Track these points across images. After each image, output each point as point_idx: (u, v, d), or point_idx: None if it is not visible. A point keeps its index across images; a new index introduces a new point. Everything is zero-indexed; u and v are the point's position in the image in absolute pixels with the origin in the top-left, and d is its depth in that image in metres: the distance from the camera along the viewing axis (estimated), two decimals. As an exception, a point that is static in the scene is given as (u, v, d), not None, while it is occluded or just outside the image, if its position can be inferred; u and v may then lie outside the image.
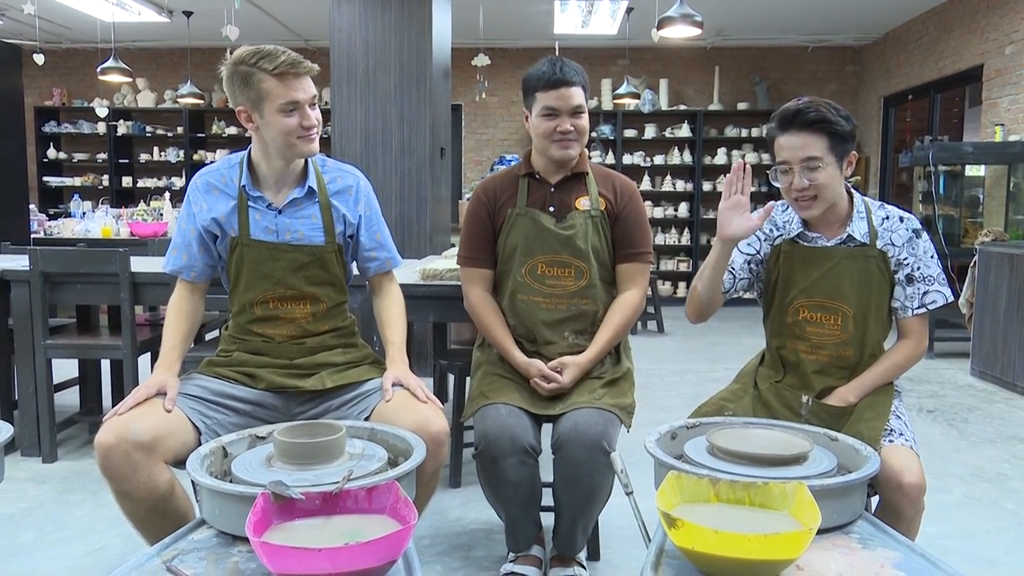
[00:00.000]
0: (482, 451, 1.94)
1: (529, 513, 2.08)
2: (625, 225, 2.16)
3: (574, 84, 2.06)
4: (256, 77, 1.80)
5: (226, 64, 1.86)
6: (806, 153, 1.75)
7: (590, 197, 2.15)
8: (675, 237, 8.82)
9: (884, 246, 1.82)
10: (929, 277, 1.83)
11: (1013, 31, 5.90)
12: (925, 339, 1.87)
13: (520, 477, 1.94)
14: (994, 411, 4.25)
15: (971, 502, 2.93)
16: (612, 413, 2.00)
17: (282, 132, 1.84)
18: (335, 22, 4.95)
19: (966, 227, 6.01)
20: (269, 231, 1.93)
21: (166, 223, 6.04)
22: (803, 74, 8.91)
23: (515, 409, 1.99)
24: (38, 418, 3.25)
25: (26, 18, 6.97)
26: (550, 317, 2.12)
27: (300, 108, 1.84)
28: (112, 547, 2.48)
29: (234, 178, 1.95)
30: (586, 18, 7.43)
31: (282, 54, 1.81)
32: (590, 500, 1.98)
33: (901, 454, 1.65)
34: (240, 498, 1.29)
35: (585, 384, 2.09)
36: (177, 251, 1.99)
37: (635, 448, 1.93)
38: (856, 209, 1.85)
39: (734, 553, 1.12)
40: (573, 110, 2.07)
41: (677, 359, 5.69)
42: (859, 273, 1.81)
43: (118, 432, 1.63)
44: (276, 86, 1.80)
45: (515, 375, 2.12)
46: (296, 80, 1.82)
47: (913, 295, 1.83)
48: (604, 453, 1.89)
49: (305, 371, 1.95)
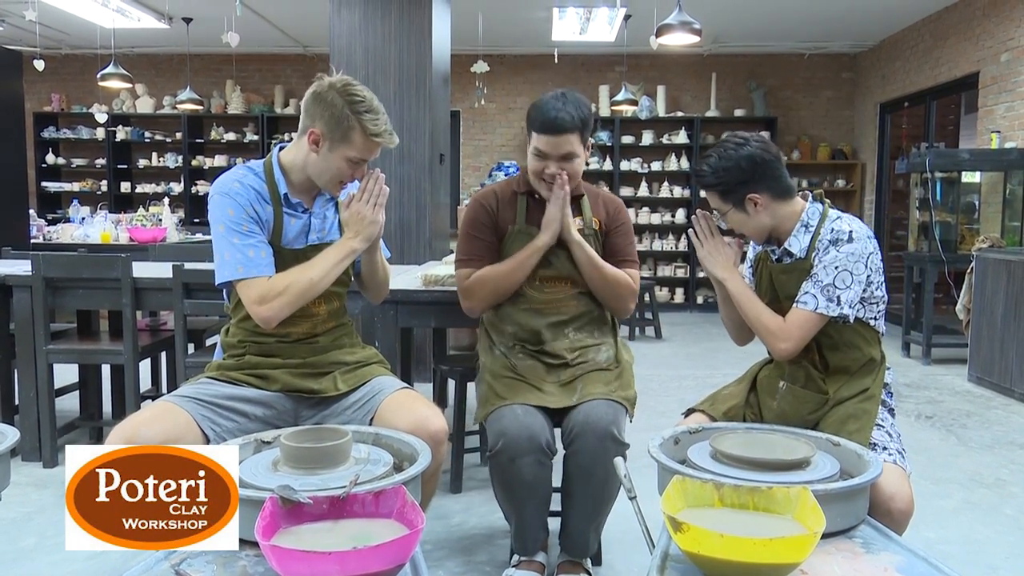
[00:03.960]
0: (499, 451, 1.96)
1: (539, 515, 2.10)
2: (616, 238, 2.28)
3: (567, 131, 2.07)
4: (351, 123, 1.83)
5: (321, 83, 1.87)
6: (714, 206, 1.92)
7: (584, 217, 2.24)
8: (672, 243, 8.84)
9: (815, 257, 1.83)
10: (819, 281, 1.78)
11: (1008, 39, 5.94)
12: (789, 341, 1.80)
13: (536, 477, 1.98)
14: (992, 417, 4.26)
15: (970, 508, 2.94)
16: (621, 404, 2.06)
17: (332, 173, 1.89)
18: (335, 29, 4.97)
19: (963, 233, 6.04)
20: (300, 234, 1.97)
21: (165, 228, 6.04)
22: (799, 81, 8.95)
23: (531, 409, 2.03)
24: (39, 423, 3.26)
25: (27, 24, 6.98)
26: (551, 320, 2.18)
27: (362, 165, 1.90)
28: (114, 552, 2.46)
29: (264, 185, 1.93)
30: (584, 25, 7.46)
31: (383, 120, 1.86)
32: (602, 494, 2.03)
33: (891, 477, 1.65)
34: (248, 502, 1.30)
35: (598, 376, 2.13)
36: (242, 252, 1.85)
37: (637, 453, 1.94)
38: (803, 223, 1.87)
39: (739, 557, 1.13)
40: (562, 156, 2.11)
41: (675, 364, 5.71)
42: (794, 287, 1.85)
43: (127, 438, 1.63)
44: (362, 142, 1.85)
45: (527, 375, 2.15)
46: (379, 146, 1.89)
47: (800, 290, 1.82)
48: (616, 442, 1.95)
49: (318, 370, 1.96)
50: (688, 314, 8.58)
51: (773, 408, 1.90)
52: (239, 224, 1.85)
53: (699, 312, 8.66)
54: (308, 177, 1.94)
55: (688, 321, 8.03)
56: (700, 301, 8.78)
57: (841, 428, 1.77)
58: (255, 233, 1.87)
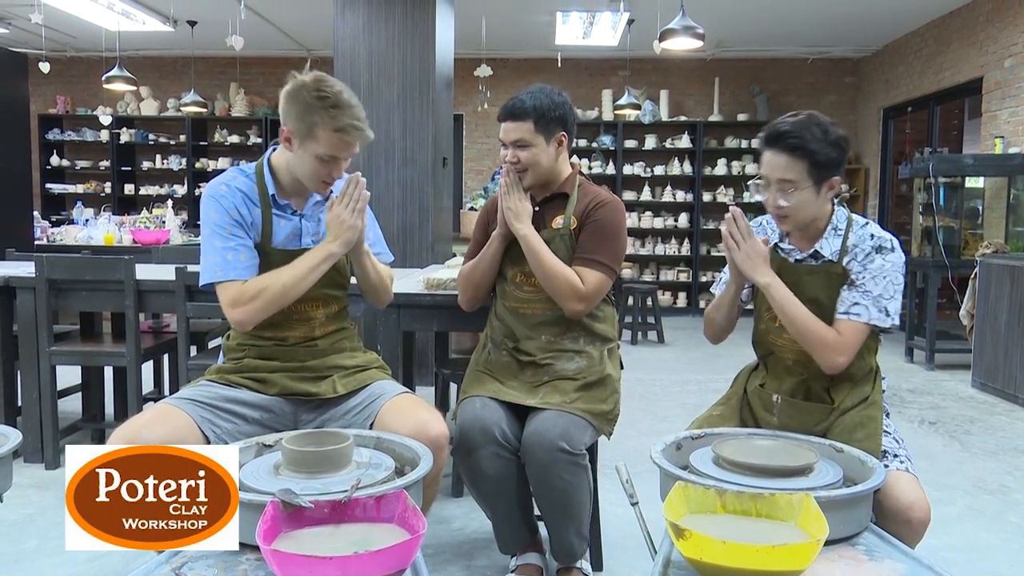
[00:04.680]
0: (458, 445, 2.00)
1: (514, 513, 2.11)
2: (586, 234, 2.14)
3: (519, 118, 2.09)
4: (317, 117, 1.81)
5: (294, 81, 1.86)
6: (782, 175, 1.75)
7: (564, 216, 2.18)
8: (675, 248, 8.84)
9: (849, 262, 1.81)
10: (869, 292, 1.77)
11: (1012, 44, 5.94)
12: (843, 355, 1.75)
13: (497, 470, 1.99)
14: (996, 423, 4.25)
15: (974, 514, 2.93)
16: (578, 416, 2.01)
17: (308, 172, 1.88)
18: (339, 32, 4.98)
19: (966, 239, 6.03)
20: (291, 237, 1.96)
21: (168, 231, 6.05)
22: (803, 86, 8.95)
23: (489, 401, 2.05)
24: (41, 424, 3.26)
25: (32, 27, 7.00)
26: (528, 321, 2.17)
27: (336, 162, 1.88)
28: (116, 554, 2.48)
29: (254, 187, 1.95)
30: (587, 29, 7.47)
31: (349, 115, 1.82)
32: (566, 503, 2.00)
33: (906, 486, 1.62)
34: (249, 506, 1.30)
35: (558, 385, 2.09)
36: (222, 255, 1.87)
37: (639, 458, 1.94)
38: (833, 226, 1.84)
39: (742, 564, 1.12)
40: (515, 143, 2.12)
41: (678, 369, 5.70)
42: (820, 289, 1.80)
43: (129, 440, 1.63)
44: (328, 138, 1.82)
45: (496, 370, 2.16)
46: (348, 143, 1.85)
47: (845, 299, 1.79)
48: (566, 453, 1.93)
49: (317, 374, 1.96)
50: (690, 318, 8.58)
51: (773, 423, 1.85)
52: (222, 227, 1.87)
53: (701, 317, 8.60)
54: (296, 179, 1.94)
55: (690, 325, 8.02)
56: (703, 305, 8.76)
57: (850, 437, 1.74)
58: (236, 236, 1.88)
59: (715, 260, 8.85)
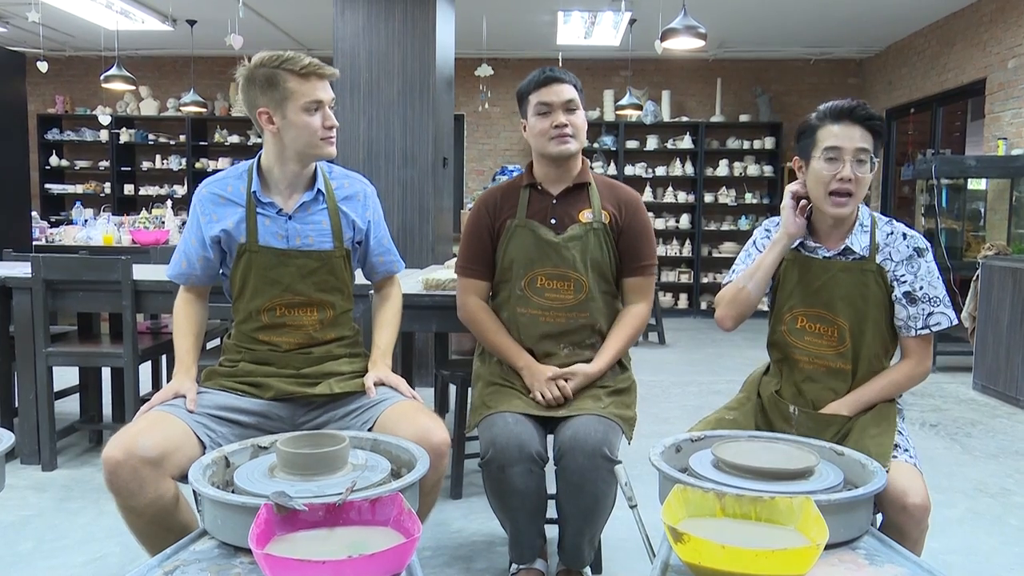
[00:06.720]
0: (489, 460, 1.93)
1: (534, 523, 2.07)
2: (630, 239, 2.15)
3: (565, 82, 2.10)
4: (281, 77, 1.84)
5: (245, 68, 1.89)
6: (861, 144, 1.76)
7: (593, 209, 2.13)
8: (676, 248, 8.82)
9: (883, 261, 1.81)
10: (935, 298, 1.81)
11: (1016, 45, 5.92)
12: (928, 360, 1.85)
13: (527, 486, 1.93)
14: (997, 425, 4.23)
15: (975, 517, 2.91)
16: (613, 422, 1.99)
17: (306, 131, 1.87)
18: (339, 31, 4.97)
19: (968, 240, 6.01)
20: (279, 237, 1.94)
21: (168, 231, 6.04)
22: (805, 86, 8.93)
23: (521, 417, 1.99)
24: (38, 426, 3.24)
25: (30, 26, 6.99)
26: (548, 331, 2.11)
27: (322, 108, 1.89)
28: (112, 556, 2.47)
29: (241, 187, 1.96)
30: (589, 29, 7.45)
31: (305, 57, 1.87)
32: (594, 510, 1.97)
33: (905, 473, 1.64)
34: (243, 509, 1.28)
35: (590, 392, 2.08)
36: (179, 258, 2.03)
37: (638, 460, 1.92)
38: (860, 222, 1.84)
39: (741, 569, 1.11)
40: (565, 104, 2.08)
41: (679, 371, 5.68)
42: (854, 287, 1.80)
43: (126, 447, 1.61)
44: (301, 85, 1.85)
45: (517, 383, 2.11)
46: (319, 81, 1.88)
47: (917, 315, 1.81)
48: (606, 460, 1.88)
49: (312, 380, 1.94)
50: (692, 320, 8.56)
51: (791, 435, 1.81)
52: (190, 229, 2.00)
53: (703, 318, 8.63)
54: (285, 176, 1.94)
55: (692, 327, 8.01)
56: (704, 307, 8.75)
57: (863, 434, 1.74)
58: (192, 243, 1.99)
59: (717, 261, 8.83)
